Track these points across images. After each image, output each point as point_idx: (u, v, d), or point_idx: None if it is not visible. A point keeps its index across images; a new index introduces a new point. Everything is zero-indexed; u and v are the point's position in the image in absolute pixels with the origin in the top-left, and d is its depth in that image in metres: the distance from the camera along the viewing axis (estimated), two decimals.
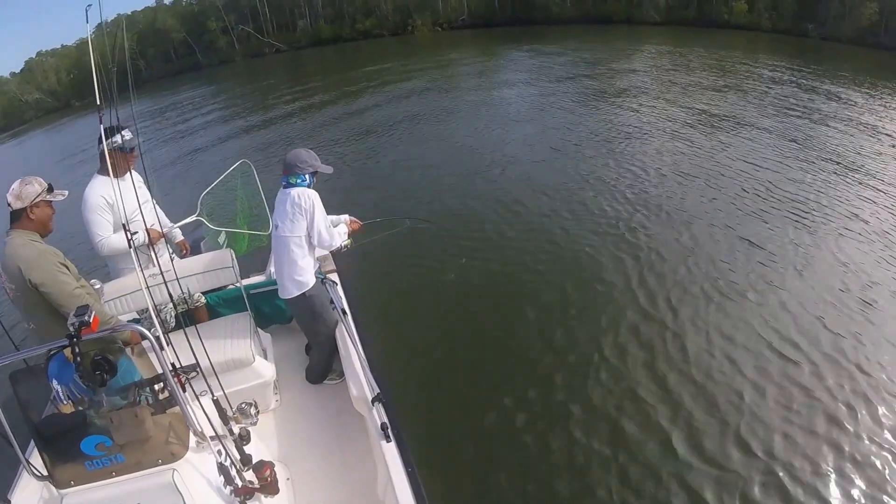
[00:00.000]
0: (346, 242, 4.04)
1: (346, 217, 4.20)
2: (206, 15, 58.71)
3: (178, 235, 4.52)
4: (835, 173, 9.27)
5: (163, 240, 4.17)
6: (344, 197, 9.40)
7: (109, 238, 3.69)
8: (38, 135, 42.90)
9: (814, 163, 9.72)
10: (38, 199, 2.97)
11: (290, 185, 3.66)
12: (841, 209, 7.91)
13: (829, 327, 5.33)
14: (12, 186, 2.97)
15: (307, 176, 3.66)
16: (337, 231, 3.84)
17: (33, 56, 70.94)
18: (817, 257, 6.64)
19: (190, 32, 59.52)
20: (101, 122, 3.08)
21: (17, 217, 2.97)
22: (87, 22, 2.91)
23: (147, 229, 3.46)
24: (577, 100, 15.51)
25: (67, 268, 3.02)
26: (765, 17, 33.67)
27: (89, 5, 2.95)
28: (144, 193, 4.06)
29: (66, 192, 3.16)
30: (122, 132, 3.72)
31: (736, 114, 12.95)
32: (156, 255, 3.43)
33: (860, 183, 8.85)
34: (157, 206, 4.15)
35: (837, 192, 8.52)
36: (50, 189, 3.06)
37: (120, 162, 3.60)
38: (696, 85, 16.49)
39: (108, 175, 3.58)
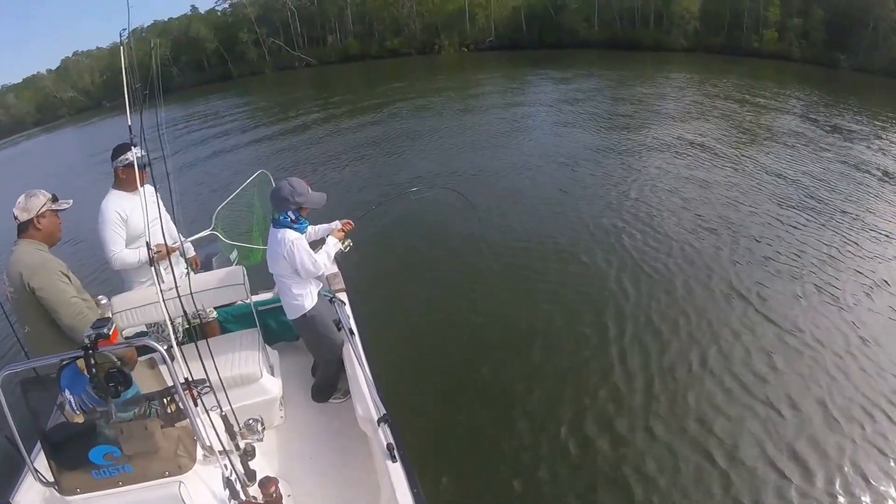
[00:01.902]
0: (343, 245, 3.97)
1: (336, 224, 4.05)
2: (239, 26, 59.99)
3: (190, 251, 4.52)
4: (867, 231, 8.18)
5: (177, 253, 4.20)
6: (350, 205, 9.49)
7: (122, 252, 3.77)
8: (70, 131, 44.41)
9: (844, 215, 8.67)
10: (43, 210, 3.08)
11: (276, 222, 3.61)
12: (872, 273, 6.88)
13: (847, 435, 4.32)
14: (18, 200, 3.07)
15: (290, 213, 3.57)
16: (325, 252, 3.76)
17: (69, 55, 73.40)
18: (835, 332, 5.65)
19: (222, 43, 60.81)
20: (132, 143, 3.20)
21: (25, 228, 3.07)
22: (122, 45, 3.04)
23: (158, 245, 3.52)
24: (597, 132, 15.11)
25: (69, 279, 3.09)
26: (795, 45, 33.45)
27: (124, 29, 3.11)
28: (158, 208, 4.13)
29: (71, 201, 3.24)
30: (134, 149, 3.71)
31: (764, 153, 12.30)
32: (172, 268, 3.56)
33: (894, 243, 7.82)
34: (171, 222, 4.21)
35: (867, 252, 7.47)
36: (54, 199, 3.15)
37: (133, 178, 3.72)
38: (723, 118, 15.85)
39: (122, 190, 3.79)
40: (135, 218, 3.69)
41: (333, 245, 3.85)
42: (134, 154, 3.65)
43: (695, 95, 20.26)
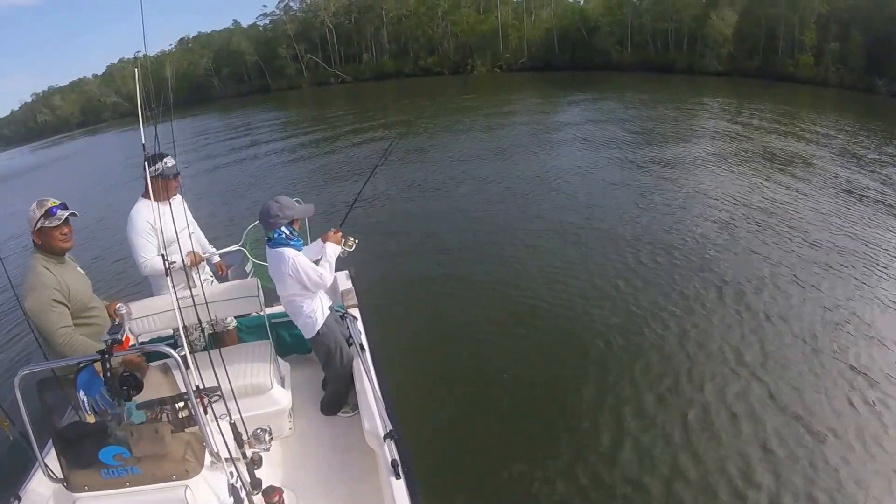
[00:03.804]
0: (347, 246, 3.97)
1: (329, 247, 3.93)
2: (278, 42, 61.90)
3: (216, 257, 4.61)
4: None
5: (204, 263, 4.36)
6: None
7: (152, 259, 3.86)
8: (111, 135, 46.06)
9: (887, 275, 7.36)
10: (36, 226, 3.10)
11: (271, 242, 3.62)
12: None
13: None
14: None
15: (283, 228, 3.57)
16: (326, 261, 3.75)
17: (114, 62, 76.45)
18: (853, 422, 4.63)
19: (262, 57, 62.76)
20: (144, 149, 3.12)
21: (33, 241, 3.17)
22: (138, 68, 3.12)
23: (188, 253, 3.68)
24: (626, 164, 14.29)
25: (67, 303, 3.13)
26: (831, 70, 32.86)
27: (138, 51, 3.24)
28: (188, 217, 4.29)
29: (65, 215, 3.18)
30: (165, 159, 3.87)
31: (800, 193, 11.02)
32: (195, 277, 3.63)
33: None
34: (199, 231, 4.40)
35: None
36: (48, 213, 3.10)
37: (162, 188, 3.84)
38: (759, 151, 14.95)
39: (151, 199, 3.82)
40: (164, 226, 3.73)
41: (332, 252, 3.83)
42: (164, 164, 3.85)
43: (730, 124, 19.41)
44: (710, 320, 6.31)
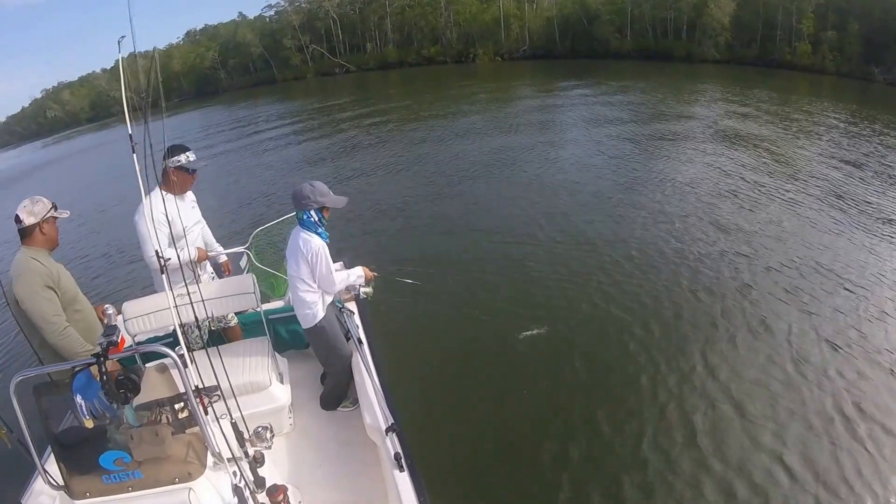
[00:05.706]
0: (367, 290, 4.14)
1: (358, 269, 4.05)
2: (283, 33, 62.10)
3: (222, 256, 4.67)
4: None
5: (206, 261, 4.36)
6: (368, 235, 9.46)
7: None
8: (120, 130, 45.95)
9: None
10: (47, 216, 3.19)
11: (300, 222, 3.66)
12: None
13: None
14: (23, 204, 3.16)
15: (312, 212, 3.60)
16: (346, 272, 3.89)
17: (124, 56, 76.88)
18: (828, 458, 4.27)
19: (267, 48, 62.93)
20: (131, 140, 2.84)
21: (29, 233, 3.14)
22: (120, 52, 2.95)
23: (200, 248, 3.89)
24: (628, 146, 14.36)
25: (57, 291, 3.13)
26: (828, 58, 33.05)
27: (122, 37, 2.96)
28: (197, 213, 4.33)
29: (68, 213, 3.38)
30: (188, 153, 3.90)
31: (800, 177, 10.99)
32: (191, 274, 3.72)
33: None
34: (206, 228, 4.45)
35: None
36: (55, 207, 3.27)
37: (181, 181, 3.90)
38: (756, 136, 14.98)
39: (167, 191, 3.82)
40: (175, 220, 3.68)
41: (357, 273, 3.94)
42: (186, 158, 3.89)
43: (729, 112, 19.33)
44: (698, 319, 6.21)
